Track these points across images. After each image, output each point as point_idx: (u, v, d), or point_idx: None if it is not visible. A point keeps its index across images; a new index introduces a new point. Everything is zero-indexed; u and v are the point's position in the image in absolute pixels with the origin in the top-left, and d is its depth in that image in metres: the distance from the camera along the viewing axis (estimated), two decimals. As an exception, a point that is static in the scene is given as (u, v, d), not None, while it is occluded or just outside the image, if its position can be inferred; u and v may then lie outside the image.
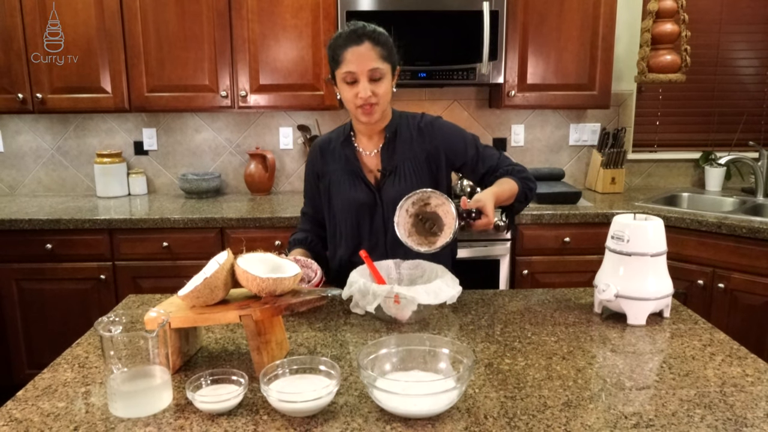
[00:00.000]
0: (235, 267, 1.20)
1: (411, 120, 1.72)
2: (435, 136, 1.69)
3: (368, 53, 1.52)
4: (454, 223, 1.42)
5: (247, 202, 3.04)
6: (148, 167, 3.30)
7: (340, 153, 1.71)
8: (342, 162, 1.70)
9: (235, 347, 1.32)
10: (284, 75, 2.86)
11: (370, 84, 1.54)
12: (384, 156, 1.68)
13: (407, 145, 1.68)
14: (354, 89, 1.55)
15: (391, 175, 1.66)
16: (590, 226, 2.69)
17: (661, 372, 1.18)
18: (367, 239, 1.69)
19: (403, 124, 1.70)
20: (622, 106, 3.28)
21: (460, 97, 3.25)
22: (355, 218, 1.68)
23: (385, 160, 1.68)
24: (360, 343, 1.33)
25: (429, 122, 1.71)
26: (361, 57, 1.52)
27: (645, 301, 1.40)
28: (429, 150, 1.68)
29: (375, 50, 1.53)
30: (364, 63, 1.52)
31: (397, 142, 1.68)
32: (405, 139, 1.68)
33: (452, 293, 1.41)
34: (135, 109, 2.91)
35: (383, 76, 1.55)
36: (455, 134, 1.71)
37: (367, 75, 1.53)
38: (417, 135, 1.69)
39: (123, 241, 2.68)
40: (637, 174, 3.36)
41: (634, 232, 1.40)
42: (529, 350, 1.29)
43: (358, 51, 1.52)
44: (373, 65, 1.53)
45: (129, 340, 1.04)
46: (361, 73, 1.53)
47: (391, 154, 1.68)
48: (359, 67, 1.52)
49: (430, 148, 1.68)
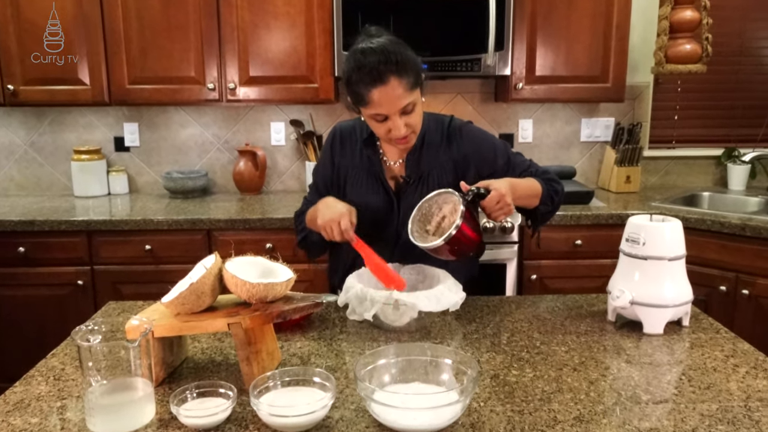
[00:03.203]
0: (223, 272, 1.20)
1: (439, 124, 1.70)
2: (463, 144, 1.68)
3: (396, 91, 1.45)
4: (459, 206, 1.40)
5: (236, 202, 3.04)
6: (129, 165, 3.30)
7: (362, 151, 1.70)
8: (363, 160, 1.69)
9: (223, 358, 1.32)
10: (276, 66, 2.86)
11: (402, 118, 1.50)
12: (410, 163, 1.67)
13: (434, 152, 1.67)
14: (385, 125, 1.52)
15: (414, 184, 1.65)
16: (603, 227, 2.70)
17: (680, 385, 1.19)
18: (377, 246, 1.69)
19: (431, 128, 1.69)
20: (637, 100, 3.29)
21: (463, 90, 3.26)
22: (367, 223, 1.66)
23: (411, 167, 1.66)
24: (357, 352, 1.33)
25: (458, 128, 1.69)
26: (390, 98, 1.45)
27: (662, 308, 1.40)
28: (456, 158, 1.67)
29: (402, 83, 1.45)
30: (394, 104, 1.46)
31: (423, 149, 1.66)
32: (433, 146, 1.67)
33: (455, 299, 1.41)
34: (115, 102, 2.91)
35: (415, 104, 1.51)
36: (485, 142, 1.70)
37: (399, 112, 1.49)
38: (445, 141, 1.68)
39: (102, 243, 2.68)
40: (654, 172, 3.36)
41: (650, 235, 1.40)
42: (537, 361, 1.29)
43: (385, 92, 1.45)
44: (404, 102, 1.47)
45: (109, 351, 1.04)
46: (393, 113, 1.49)
47: (417, 162, 1.66)
48: (390, 108, 1.47)
49: (457, 157, 1.67)
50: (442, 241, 1.38)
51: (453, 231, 1.37)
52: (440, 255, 1.45)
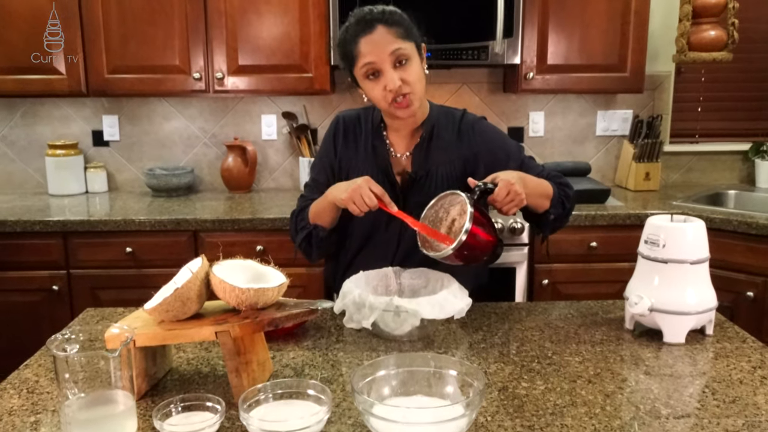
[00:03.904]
0: (211, 276, 1.20)
1: (450, 117, 1.71)
2: (476, 141, 1.68)
3: (384, 37, 1.50)
4: (467, 206, 1.39)
5: (225, 201, 3.04)
6: (109, 160, 3.30)
7: (368, 142, 1.70)
8: (370, 154, 1.69)
9: (210, 369, 1.32)
10: (267, 54, 2.87)
11: (396, 71, 1.53)
12: (416, 158, 1.67)
13: (443, 147, 1.67)
14: (380, 83, 1.54)
15: (420, 181, 1.66)
16: (620, 228, 2.70)
17: (703, 398, 1.19)
18: (376, 248, 1.69)
19: (442, 122, 1.69)
20: (657, 90, 3.29)
21: (470, 80, 3.26)
22: (369, 223, 1.67)
23: (417, 163, 1.67)
24: (354, 363, 1.34)
25: (470, 124, 1.70)
26: (376, 44, 1.50)
27: (684, 315, 1.40)
28: (467, 156, 1.68)
29: (391, 32, 1.51)
30: (382, 49, 1.50)
31: (433, 143, 1.67)
32: (442, 141, 1.68)
33: (460, 306, 1.41)
34: (93, 93, 2.91)
35: (409, 57, 1.54)
36: (497, 142, 1.71)
37: (390, 61, 1.51)
38: (456, 137, 1.69)
39: (79, 246, 2.68)
40: (675, 169, 3.37)
41: (671, 236, 1.40)
42: (549, 372, 1.29)
43: (371, 39, 1.50)
44: (393, 47, 1.50)
45: (87, 361, 1.04)
46: (383, 61, 1.51)
47: (425, 157, 1.67)
48: (378, 55, 1.51)
49: (468, 155, 1.68)
50: (452, 250, 1.37)
51: (463, 237, 1.36)
52: (454, 262, 1.45)
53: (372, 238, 1.69)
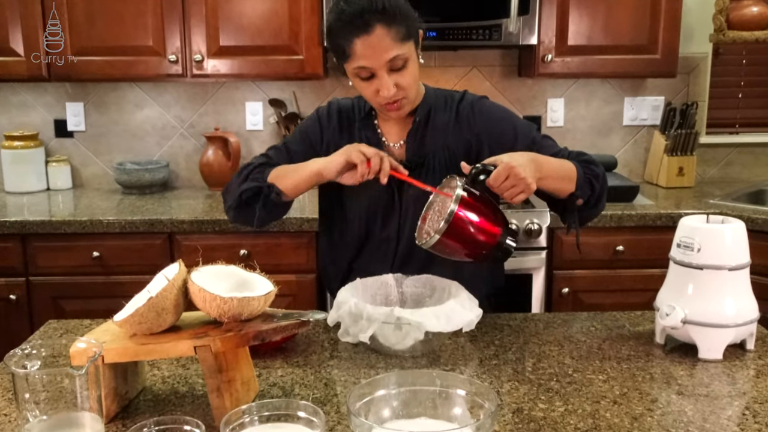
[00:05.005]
0: (189, 284, 1.20)
1: (449, 100, 1.72)
2: (476, 121, 1.69)
3: (382, 41, 1.49)
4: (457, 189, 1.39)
5: (204, 199, 3.05)
6: (73, 153, 3.31)
7: (360, 132, 1.71)
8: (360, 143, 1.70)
9: (188, 388, 1.32)
10: (252, 34, 2.87)
11: (391, 76, 1.53)
12: (410, 145, 1.68)
13: (441, 132, 1.68)
14: (372, 85, 1.55)
15: (417, 170, 1.66)
16: (650, 230, 2.71)
17: (743, 421, 1.19)
18: (373, 248, 1.71)
19: (439, 105, 1.70)
20: (692, 74, 3.30)
21: (480, 63, 3.27)
22: (364, 221, 1.69)
23: (412, 151, 1.68)
24: (351, 382, 1.34)
25: (469, 104, 1.71)
26: (374, 48, 1.50)
27: (722, 328, 1.41)
28: (468, 139, 1.68)
29: (390, 33, 1.50)
30: (379, 55, 1.50)
31: (428, 128, 1.68)
32: (439, 126, 1.68)
33: (470, 317, 1.42)
34: (56, 77, 2.91)
35: (407, 61, 1.54)
36: (503, 119, 1.71)
37: (386, 67, 1.52)
38: (454, 119, 1.69)
39: (40, 250, 2.69)
40: (713, 163, 3.37)
41: (707, 239, 1.41)
42: (570, 392, 1.29)
43: (368, 42, 1.49)
44: (392, 54, 1.50)
45: (49, 379, 1.04)
46: (379, 67, 1.52)
47: (419, 144, 1.68)
48: (375, 60, 1.51)
49: (469, 137, 1.68)
50: (438, 234, 1.38)
51: (443, 225, 1.37)
52: (456, 256, 1.46)
53: (369, 236, 1.70)
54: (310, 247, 2.69)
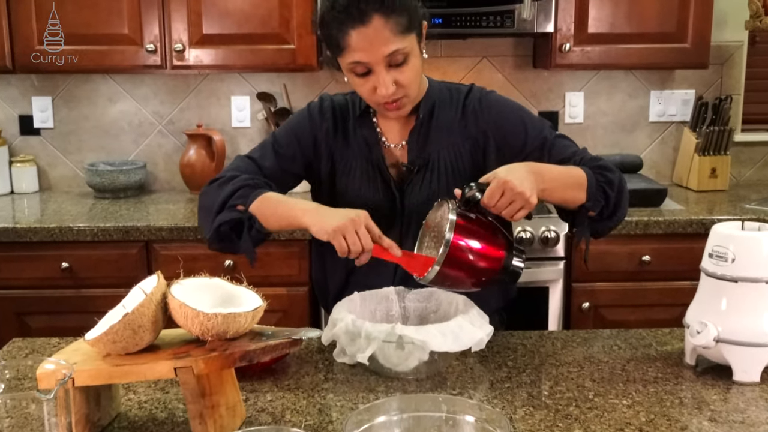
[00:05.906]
0: (169, 298, 1.21)
1: (455, 94, 1.72)
2: (483, 116, 1.69)
3: (380, 34, 1.49)
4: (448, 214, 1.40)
5: (185, 203, 3.05)
6: (40, 153, 3.31)
7: (356, 131, 1.72)
8: (359, 145, 1.71)
9: (167, 414, 1.32)
10: (239, 21, 2.88)
11: (390, 72, 1.53)
12: (413, 145, 1.69)
13: (445, 130, 1.68)
14: (368, 82, 1.55)
15: (420, 172, 1.67)
16: (679, 238, 2.71)
17: (782, 450, 1.19)
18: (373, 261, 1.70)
19: (444, 100, 1.71)
20: (726, 65, 3.30)
21: (491, 53, 3.27)
22: None
23: (414, 151, 1.68)
24: (347, 407, 1.34)
25: (476, 98, 1.71)
26: (371, 41, 1.49)
27: (759, 347, 1.41)
28: (475, 136, 1.69)
29: (389, 25, 1.49)
30: (377, 49, 1.50)
31: (432, 126, 1.69)
32: (443, 122, 1.69)
33: (479, 336, 1.42)
34: (21, 68, 2.92)
35: (408, 55, 1.54)
36: (512, 114, 1.71)
37: (384, 63, 1.52)
38: (460, 116, 1.70)
39: (3, 260, 2.69)
40: (749, 163, 3.38)
41: (742, 248, 1.41)
42: (591, 418, 1.29)
43: (365, 34, 1.49)
44: (391, 48, 1.50)
45: (14, 405, 1.04)
46: (376, 63, 1.52)
47: (422, 143, 1.68)
48: (372, 55, 1.51)
49: (476, 134, 1.69)
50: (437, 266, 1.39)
51: (441, 257, 1.38)
52: (459, 287, 1.47)
53: None
54: (302, 258, 2.69)
